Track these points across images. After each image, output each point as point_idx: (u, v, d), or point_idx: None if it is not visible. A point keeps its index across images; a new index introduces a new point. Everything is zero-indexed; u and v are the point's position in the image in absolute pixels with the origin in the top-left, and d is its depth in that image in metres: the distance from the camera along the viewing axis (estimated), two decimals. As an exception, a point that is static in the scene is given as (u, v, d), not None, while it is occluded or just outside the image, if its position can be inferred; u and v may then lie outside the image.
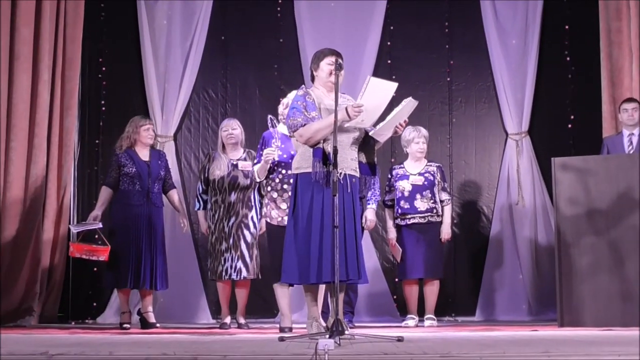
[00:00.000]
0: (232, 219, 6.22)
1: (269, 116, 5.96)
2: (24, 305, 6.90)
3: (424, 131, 6.77)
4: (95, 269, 7.54)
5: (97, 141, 7.89)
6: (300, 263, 4.66)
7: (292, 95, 5.88)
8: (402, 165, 6.81)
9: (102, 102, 7.93)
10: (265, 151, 5.70)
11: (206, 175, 6.37)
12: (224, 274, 6.17)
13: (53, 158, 7.27)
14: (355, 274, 4.62)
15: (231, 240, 6.18)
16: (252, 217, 6.26)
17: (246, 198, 6.26)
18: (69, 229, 7.33)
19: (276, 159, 5.68)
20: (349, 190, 4.67)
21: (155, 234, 6.39)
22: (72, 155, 7.54)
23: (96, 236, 6.43)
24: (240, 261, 6.16)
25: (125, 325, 6.32)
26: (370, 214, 6.35)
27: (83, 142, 7.86)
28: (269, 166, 5.69)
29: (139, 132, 6.45)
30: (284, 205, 5.56)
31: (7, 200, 6.89)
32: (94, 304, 7.66)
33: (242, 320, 6.32)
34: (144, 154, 6.49)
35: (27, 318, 6.88)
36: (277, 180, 5.73)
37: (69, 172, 7.48)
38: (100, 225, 6.30)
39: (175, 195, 6.64)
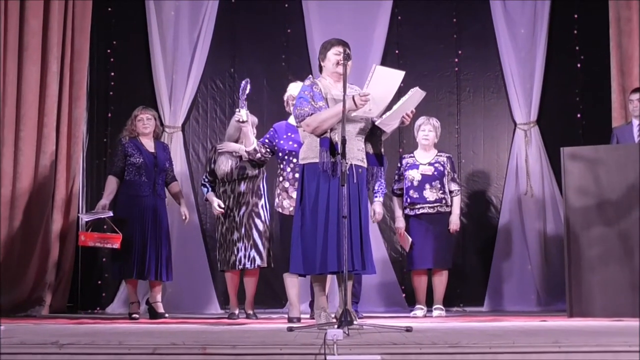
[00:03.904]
0: (243, 209, 6.21)
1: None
2: (34, 295, 6.94)
3: (433, 120, 6.76)
4: (104, 259, 7.57)
5: (105, 132, 7.90)
6: (306, 253, 4.67)
7: (293, 85, 5.89)
8: (412, 155, 6.80)
9: (111, 93, 7.94)
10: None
11: (212, 166, 6.36)
12: (237, 263, 6.16)
13: (62, 148, 7.30)
14: (360, 265, 4.62)
15: (243, 230, 6.18)
16: (262, 206, 6.25)
17: (255, 187, 6.25)
18: (78, 220, 7.36)
19: (244, 118, 5.66)
20: (355, 181, 4.66)
21: (161, 225, 6.40)
22: (80, 145, 7.55)
23: (105, 227, 6.44)
24: (253, 250, 6.15)
25: (134, 315, 6.34)
26: (378, 207, 6.35)
27: (91, 133, 7.88)
28: (248, 129, 5.70)
29: (135, 123, 6.47)
30: (295, 195, 5.56)
31: (17, 191, 6.91)
32: (103, 294, 7.69)
33: (250, 311, 6.33)
34: (149, 145, 6.50)
35: (37, 308, 6.91)
36: (288, 170, 5.73)
37: (77, 163, 7.50)
38: (111, 214, 6.27)
39: (176, 187, 6.66)
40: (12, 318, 6.29)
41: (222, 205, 6.22)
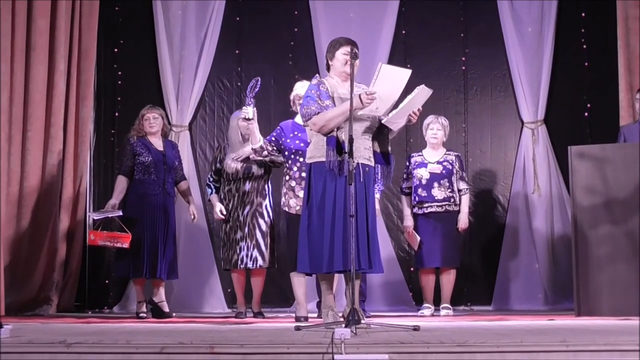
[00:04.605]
0: (247, 208, 6.21)
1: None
2: (42, 294, 6.95)
3: (442, 119, 6.76)
4: (111, 258, 7.57)
5: (112, 131, 7.91)
6: (313, 252, 4.67)
7: (299, 84, 5.88)
8: (420, 153, 6.79)
9: (118, 92, 7.95)
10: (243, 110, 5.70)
11: (217, 166, 6.38)
12: (239, 262, 6.17)
13: (69, 148, 7.31)
14: (366, 264, 4.62)
15: (246, 229, 6.18)
16: (266, 206, 6.26)
17: (260, 187, 6.26)
18: (86, 218, 7.37)
19: (250, 116, 5.61)
20: (361, 180, 4.66)
21: (170, 224, 6.41)
22: (88, 145, 7.57)
23: (111, 225, 6.45)
24: (256, 250, 6.16)
25: (141, 315, 6.35)
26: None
27: (99, 132, 7.89)
28: (255, 126, 5.65)
29: (142, 122, 6.49)
30: (302, 194, 5.55)
31: (24, 190, 6.92)
32: (111, 294, 7.70)
33: (257, 310, 6.33)
34: (158, 144, 6.51)
35: (45, 307, 6.92)
36: (294, 169, 5.72)
37: (84, 162, 7.51)
38: (120, 213, 6.28)
39: (186, 186, 6.68)
40: (20, 317, 6.31)
41: (224, 212, 6.25)
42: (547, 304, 7.50)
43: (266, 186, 6.30)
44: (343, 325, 4.06)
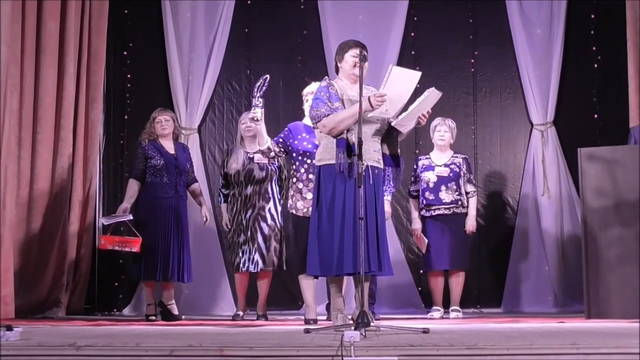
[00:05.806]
0: (249, 212, 6.21)
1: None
2: (52, 297, 6.96)
3: (449, 121, 6.75)
4: (120, 261, 7.59)
5: (122, 134, 7.93)
6: (322, 255, 4.67)
7: (311, 86, 5.87)
8: (428, 156, 6.78)
9: (127, 94, 7.97)
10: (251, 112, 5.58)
11: (225, 169, 6.39)
12: (241, 266, 6.19)
13: (79, 150, 7.33)
14: (376, 266, 4.62)
15: (249, 233, 6.18)
16: (269, 209, 6.24)
17: (262, 190, 6.25)
18: (95, 221, 7.39)
19: (259, 117, 5.56)
20: (370, 182, 4.66)
21: (183, 226, 6.42)
22: (97, 147, 7.59)
23: (122, 228, 6.47)
24: (257, 253, 6.15)
25: (151, 317, 6.35)
26: (386, 206, 6.30)
27: (108, 135, 7.91)
28: (262, 127, 5.57)
29: (153, 125, 6.49)
30: (309, 196, 5.55)
31: (34, 193, 6.94)
32: (120, 296, 7.71)
33: (261, 312, 6.32)
34: (169, 147, 6.51)
35: (55, 310, 6.94)
36: (302, 171, 5.72)
37: (94, 165, 7.53)
38: (131, 217, 6.29)
39: (197, 188, 6.68)
40: (30, 320, 6.32)
41: (229, 226, 6.32)
42: (557, 306, 7.48)
43: (269, 189, 6.28)
44: (352, 327, 4.06)
